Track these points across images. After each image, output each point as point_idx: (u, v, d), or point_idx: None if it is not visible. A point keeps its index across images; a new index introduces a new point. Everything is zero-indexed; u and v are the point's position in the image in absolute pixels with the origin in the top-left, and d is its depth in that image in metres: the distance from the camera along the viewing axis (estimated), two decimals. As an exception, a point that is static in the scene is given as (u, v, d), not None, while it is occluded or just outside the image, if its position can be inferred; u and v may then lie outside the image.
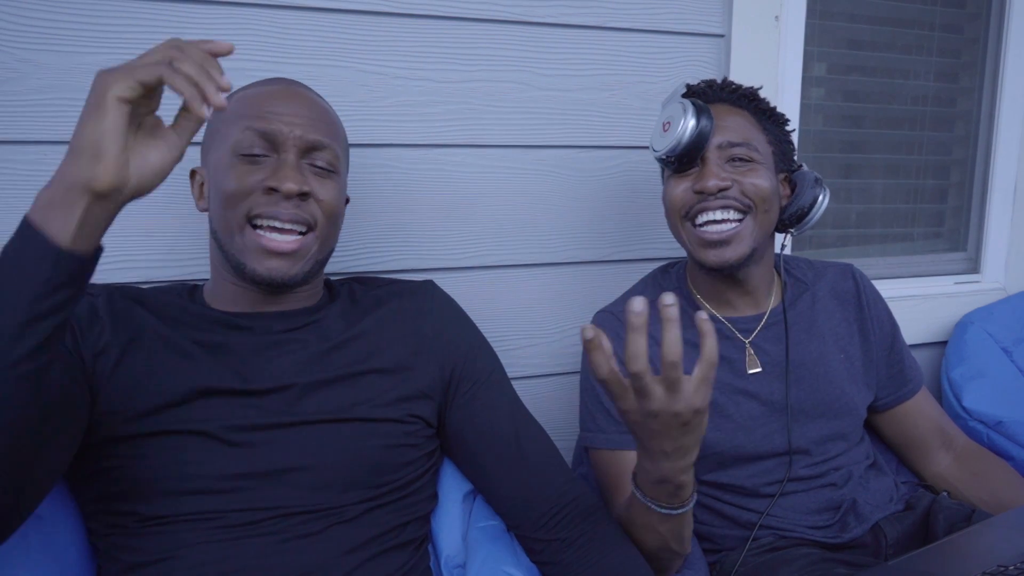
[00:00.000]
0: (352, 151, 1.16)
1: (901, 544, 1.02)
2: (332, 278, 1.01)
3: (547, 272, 1.31)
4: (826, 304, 1.12)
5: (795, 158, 1.09)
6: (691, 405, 0.67)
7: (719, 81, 1.06)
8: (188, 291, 0.91)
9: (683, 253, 1.35)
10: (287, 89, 0.86)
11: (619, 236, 1.34)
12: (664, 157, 1.01)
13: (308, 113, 0.84)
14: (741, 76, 1.32)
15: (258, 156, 0.82)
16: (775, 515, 1.03)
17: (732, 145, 0.99)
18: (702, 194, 0.99)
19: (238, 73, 1.07)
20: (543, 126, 1.26)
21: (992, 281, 1.69)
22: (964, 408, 1.37)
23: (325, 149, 0.84)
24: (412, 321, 0.93)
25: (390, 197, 1.19)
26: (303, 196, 0.82)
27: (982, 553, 0.80)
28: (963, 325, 1.52)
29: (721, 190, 0.98)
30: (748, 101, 1.04)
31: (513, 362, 1.29)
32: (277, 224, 0.81)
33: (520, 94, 1.23)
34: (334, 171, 0.86)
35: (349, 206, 1.16)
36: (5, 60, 0.98)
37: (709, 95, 1.04)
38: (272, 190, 0.81)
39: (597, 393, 1.05)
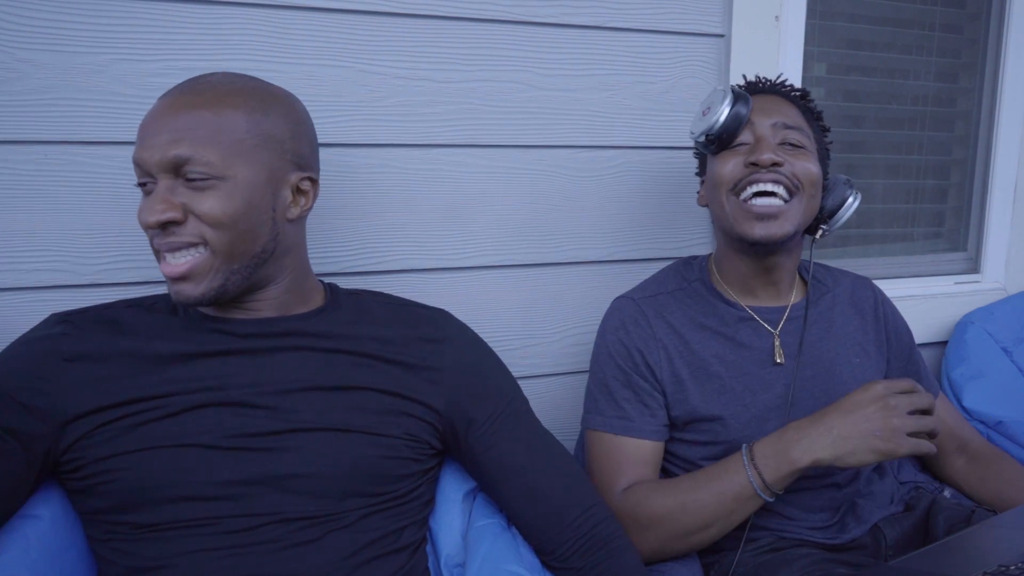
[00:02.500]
0: (352, 151, 1.16)
1: (901, 545, 1.02)
2: (332, 280, 1.01)
3: (547, 272, 1.31)
4: (844, 309, 1.13)
5: (827, 168, 1.11)
6: (903, 424, 0.88)
7: (777, 78, 1.10)
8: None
9: (679, 252, 1.36)
10: (160, 105, 0.80)
11: (619, 236, 1.34)
12: (703, 138, 1.03)
13: (172, 127, 0.77)
14: (741, 76, 1.32)
15: (145, 185, 0.80)
16: (776, 512, 1.03)
17: (787, 127, 1.02)
18: (755, 166, 1.00)
19: (238, 73, 1.08)
20: (543, 126, 1.26)
21: (992, 281, 1.69)
22: (964, 408, 1.37)
23: (190, 160, 0.77)
24: (421, 354, 0.90)
25: (390, 197, 1.19)
26: (175, 222, 0.78)
27: (982, 553, 0.80)
28: (963, 325, 1.52)
29: (775, 164, 0.99)
30: (799, 98, 1.07)
31: (513, 362, 1.28)
32: (168, 255, 0.80)
33: (520, 94, 1.23)
34: (213, 177, 0.78)
35: (349, 206, 1.17)
36: (5, 60, 0.98)
37: (758, 87, 1.08)
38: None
39: (604, 378, 1.06)
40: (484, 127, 1.22)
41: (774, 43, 1.36)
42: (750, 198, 1.00)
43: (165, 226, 0.78)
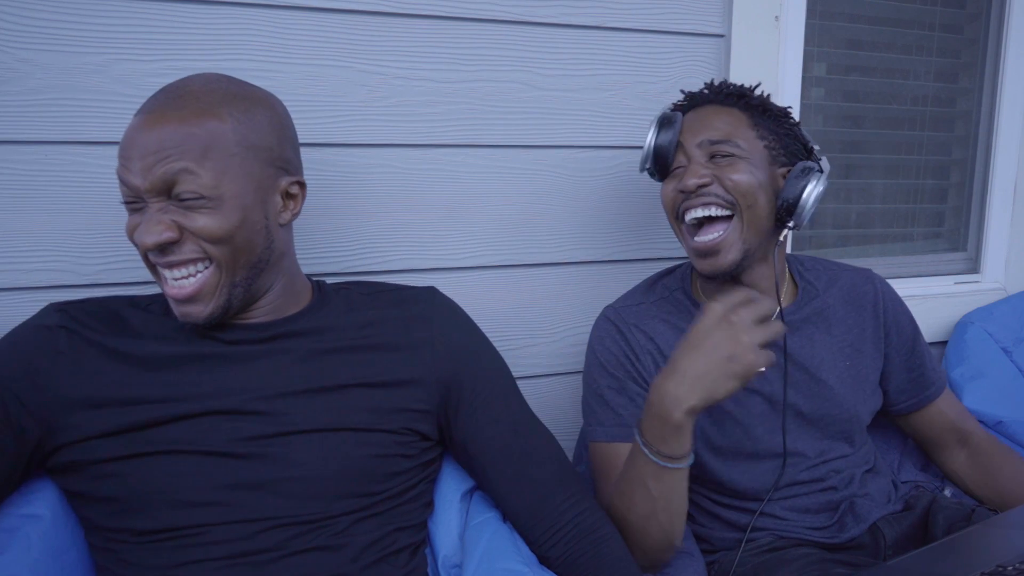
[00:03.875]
0: (353, 151, 1.16)
1: (900, 544, 1.02)
2: (332, 280, 1.01)
3: (547, 272, 1.31)
4: (836, 310, 1.12)
5: (813, 149, 1.06)
6: (751, 339, 0.84)
7: (715, 83, 1.08)
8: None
9: (678, 253, 1.36)
10: (142, 121, 0.77)
11: (619, 236, 1.34)
12: (644, 170, 1.08)
13: (157, 147, 0.75)
14: (741, 76, 1.32)
15: (133, 204, 0.79)
16: (773, 515, 1.03)
17: (712, 143, 1.00)
18: (685, 192, 1.00)
19: (238, 73, 1.07)
20: (543, 126, 1.26)
21: (992, 281, 1.69)
22: (964, 408, 1.37)
23: (180, 182, 0.75)
24: (410, 331, 0.91)
25: (390, 197, 1.19)
26: (172, 242, 0.77)
27: (981, 553, 0.80)
28: (963, 325, 1.52)
29: (700, 187, 0.99)
30: (737, 99, 1.05)
31: (514, 362, 1.28)
32: (167, 274, 0.79)
33: (520, 94, 1.23)
34: (204, 197, 0.76)
35: (349, 206, 1.17)
36: (5, 60, 0.98)
37: (698, 98, 1.07)
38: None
39: (597, 388, 1.06)
40: (484, 127, 1.22)
41: (774, 43, 1.36)
42: (693, 229, 1.01)
43: (162, 246, 0.77)
